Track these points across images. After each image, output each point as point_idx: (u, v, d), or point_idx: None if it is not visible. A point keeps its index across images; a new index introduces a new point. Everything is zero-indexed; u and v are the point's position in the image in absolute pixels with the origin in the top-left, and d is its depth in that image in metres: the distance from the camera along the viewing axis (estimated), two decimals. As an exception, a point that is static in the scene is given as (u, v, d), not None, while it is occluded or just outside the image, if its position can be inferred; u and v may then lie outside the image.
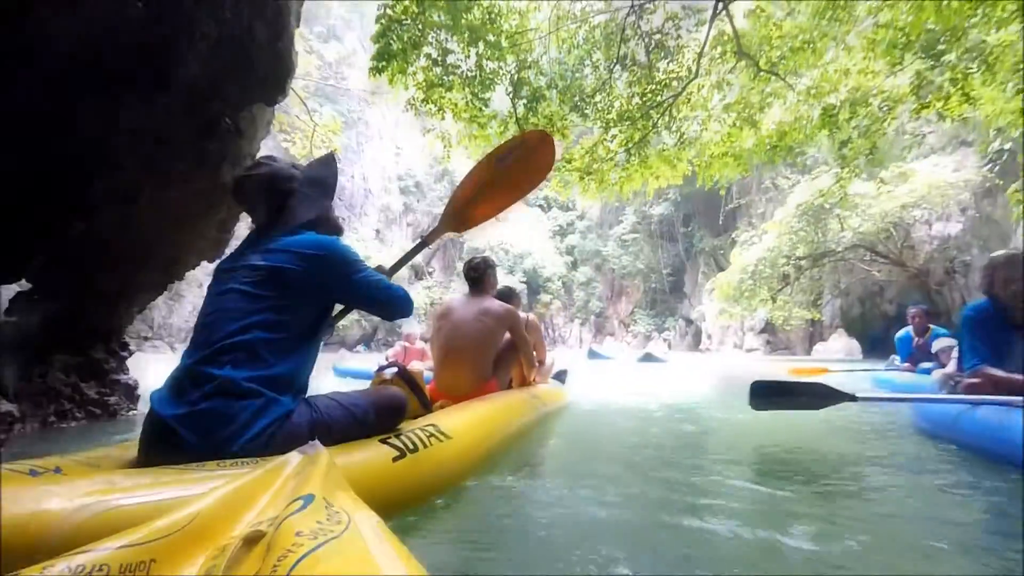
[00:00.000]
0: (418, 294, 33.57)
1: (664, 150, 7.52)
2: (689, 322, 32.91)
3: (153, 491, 1.01)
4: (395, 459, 1.47)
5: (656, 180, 7.67)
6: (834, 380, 3.38)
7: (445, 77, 5.89)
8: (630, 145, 7.09)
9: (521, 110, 6.49)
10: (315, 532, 0.64)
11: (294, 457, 0.92)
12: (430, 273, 37.68)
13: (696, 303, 31.46)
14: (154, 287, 3.79)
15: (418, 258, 36.48)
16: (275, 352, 1.40)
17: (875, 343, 16.49)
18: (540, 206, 41.76)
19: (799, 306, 17.54)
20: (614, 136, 7.21)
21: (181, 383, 1.34)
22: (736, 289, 14.51)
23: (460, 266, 34.85)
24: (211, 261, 3.39)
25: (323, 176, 1.70)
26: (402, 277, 32.57)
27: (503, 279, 32.31)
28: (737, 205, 25.67)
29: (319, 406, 1.48)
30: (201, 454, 1.21)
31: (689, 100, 7.02)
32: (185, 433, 1.25)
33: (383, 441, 1.53)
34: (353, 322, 29.34)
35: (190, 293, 21.07)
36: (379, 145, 35.99)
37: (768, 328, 25.54)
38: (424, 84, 5.95)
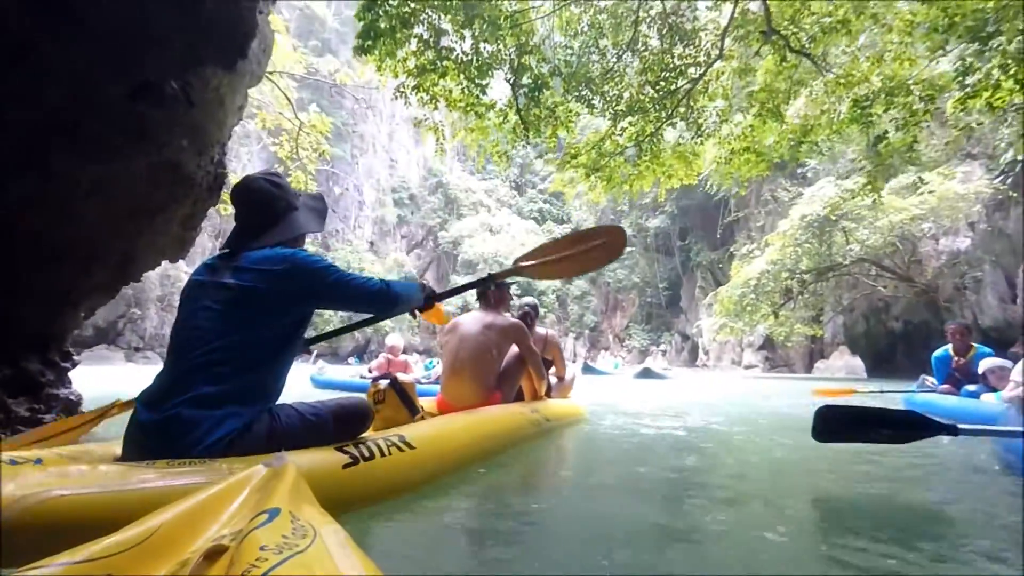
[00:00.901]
0: (411, 307, 32.95)
1: (679, 145, 6.91)
2: (685, 337, 32.44)
3: (117, 484, 1.11)
4: (345, 466, 1.53)
5: (668, 179, 7.09)
6: (861, 402, 2.94)
7: (438, 62, 5.30)
8: (641, 139, 6.49)
9: (522, 100, 5.91)
10: (280, 546, 0.64)
11: (259, 470, 0.91)
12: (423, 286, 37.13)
13: (693, 318, 31.02)
14: (104, 289, 3.19)
15: (412, 270, 36.09)
16: (244, 367, 1.50)
17: (880, 361, 16.03)
18: (535, 218, 41.49)
19: (801, 322, 17.10)
20: (623, 129, 6.62)
21: (159, 392, 1.46)
22: (737, 304, 14.05)
23: (454, 279, 34.61)
24: (174, 260, 2.86)
25: (320, 208, 1.86)
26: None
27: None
28: (736, 218, 25.37)
29: (279, 415, 1.56)
30: (168, 457, 1.32)
31: (707, 89, 6.38)
32: (153, 438, 1.39)
33: (339, 448, 1.59)
34: (346, 335, 28.67)
35: (175, 303, 20.44)
36: (373, 157, 35.65)
37: (767, 344, 25.10)
38: (415, 71, 5.39)
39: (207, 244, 22.90)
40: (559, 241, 2.71)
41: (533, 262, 2.59)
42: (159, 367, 1.63)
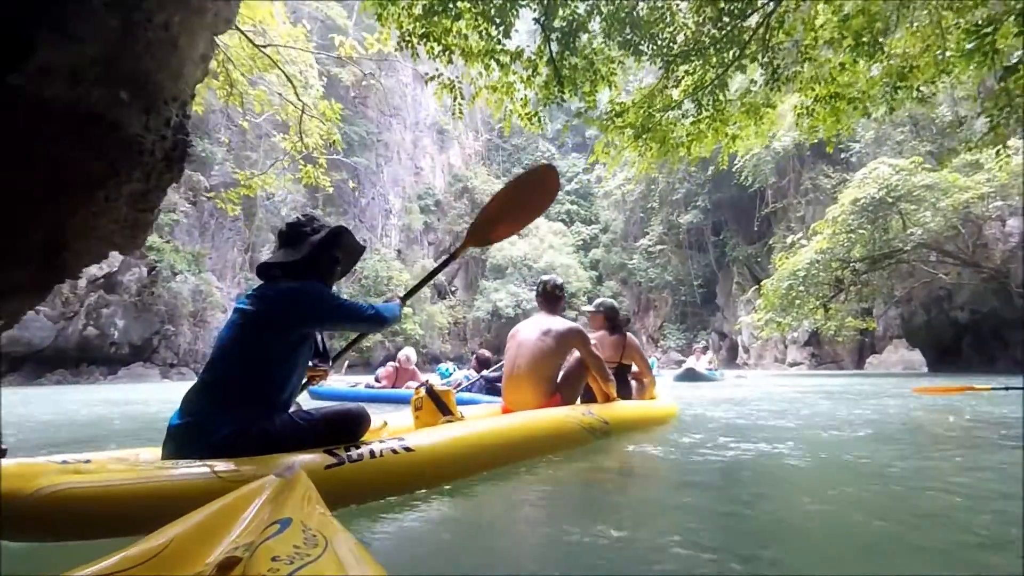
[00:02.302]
0: (441, 313, 32.79)
1: (747, 95, 5.74)
2: (723, 336, 31.28)
3: (120, 479, 1.35)
4: (328, 467, 1.65)
5: (733, 141, 6.03)
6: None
7: (450, 3, 4.50)
8: (701, 91, 5.44)
9: (554, 47, 5.02)
10: (292, 556, 0.64)
11: (270, 480, 0.91)
12: (453, 292, 36.97)
13: (731, 315, 29.88)
14: (29, 289, 2.24)
15: (441, 277, 35.92)
16: (251, 378, 1.78)
17: (943, 354, 14.86)
18: (563, 220, 40.91)
19: (852, 315, 16.06)
20: (679, 79, 5.58)
21: (187, 400, 1.75)
22: (784, 297, 13.19)
23: (483, 284, 34.31)
24: (126, 252, 2.42)
25: (357, 249, 2.21)
26: (424, 296, 31.88)
27: (527, 295, 31.45)
28: (773, 210, 24.29)
29: (275, 421, 1.77)
30: (188, 457, 1.58)
31: (783, 22, 5.14)
32: (177, 440, 1.68)
33: (328, 451, 1.72)
34: (376, 343, 28.70)
35: (214, 319, 20.59)
36: (399, 165, 35.73)
37: (813, 340, 23.87)
38: (422, 16, 4.60)
39: (236, 258, 23.17)
40: (496, 196, 2.81)
41: (482, 225, 2.77)
42: (193, 382, 1.80)
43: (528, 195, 2.88)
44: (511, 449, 2.35)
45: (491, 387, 5.80)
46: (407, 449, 1.86)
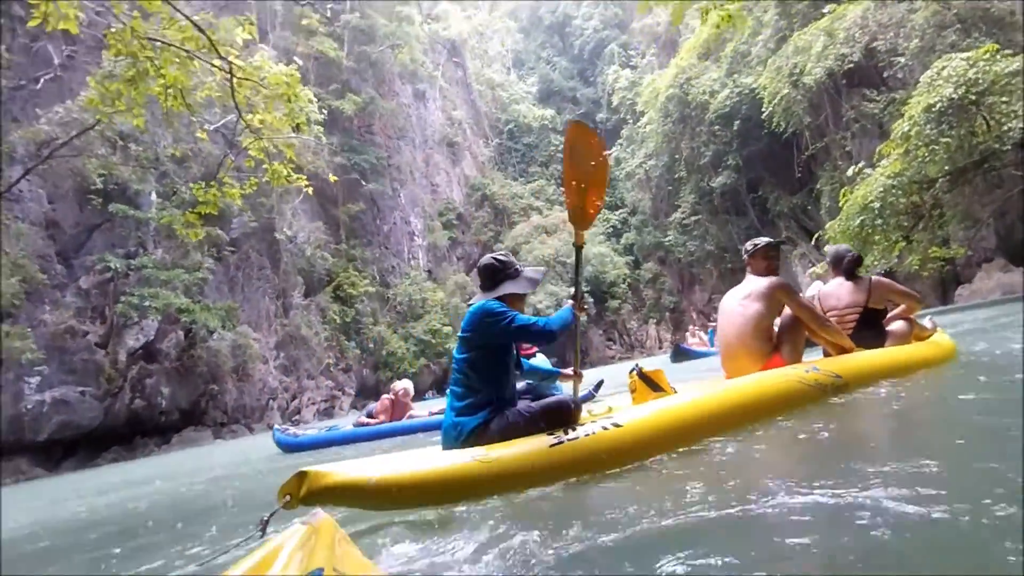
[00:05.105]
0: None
1: None
2: (782, 296, 29.28)
3: (417, 463, 2.05)
4: (552, 446, 2.07)
5: None
6: None
7: None
8: None
9: None
10: None
11: (298, 529, 0.90)
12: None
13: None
14: None
15: (475, 290, 35.19)
16: (477, 386, 2.39)
17: (1055, 269, 12.92)
18: (588, 210, 39.62)
19: (934, 243, 14.26)
20: None
21: (449, 407, 2.43)
22: (858, 235, 11.61)
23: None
24: None
25: (535, 277, 2.70)
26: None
27: (567, 292, 30.22)
28: (814, 152, 22.43)
29: (507, 415, 2.34)
30: (451, 448, 2.31)
31: None
32: (445, 436, 2.38)
33: (550, 433, 2.17)
34: (421, 367, 28.08)
35: (256, 371, 20.30)
36: (414, 186, 35.30)
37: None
38: None
39: (269, 307, 22.84)
40: (567, 180, 2.82)
41: (573, 212, 2.83)
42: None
43: (581, 160, 2.89)
44: (721, 417, 2.41)
45: None
46: (616, 425, 2.15)
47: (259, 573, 0.78)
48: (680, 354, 15.53)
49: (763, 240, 3.40)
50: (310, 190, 7.53)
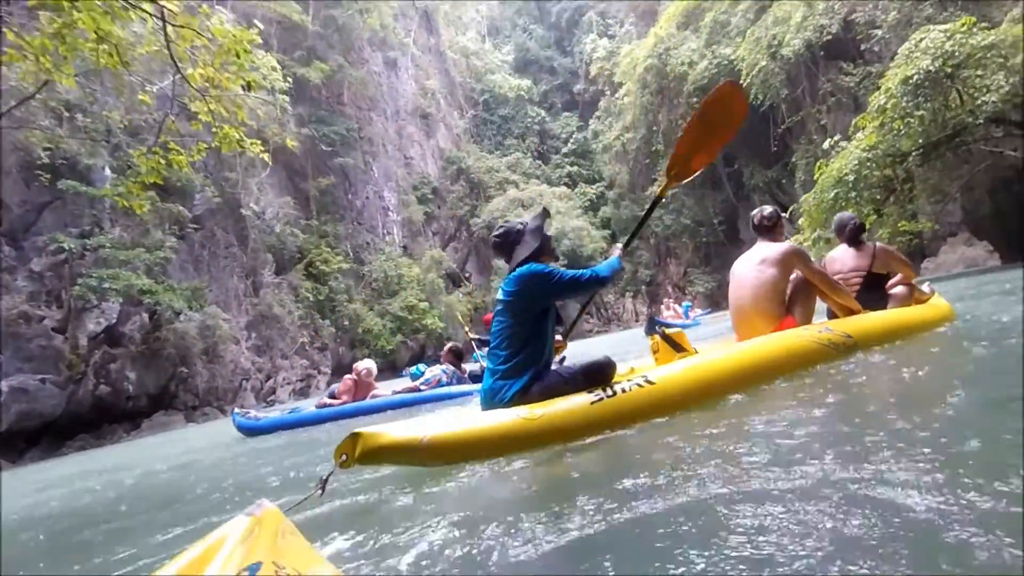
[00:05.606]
0: (459, 301, 31.70)
1: None
2: (756, 269, 29.69)
3: (464, 422, 2.22)
4: (593, 403, 2.27)
5: None
6: None
7: None
8: None
9: None
10: None
11: (241, 521, 0.87)
12: (467, 278, 35.81)
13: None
14: None
15: (452, 265, 34.77)
16: (517, 349, 2.47)
17: (1019, 243, 13.22)
18: (565, 183, 39.27)
19: (904, 217, 14.48)
20: None
21: (489, 370, 2.54)
22: (831, 208, 11.67)
23: (495, 264, 33.14)
24: None
25: (536, 227, 2.69)
26: (439, 288, 30.73)
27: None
28: (789, 125, 22.42)
29: (546, 376, 2.47)
30: (491, 408, 2.44)
31: None
32: (485, 398, 2.52)
33: (590, 391, 2.34)
34: (399, 344, 27.82)
35: (228, 352, 19.76)
36: (387, 159, 34.33)
37: (856, 255, 22.19)
38: None
39: (238, 286, 22.18)
40: (687, 127, 3.02)
41: (679, 160, 3.02)
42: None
43: (717, 118, 2.98)
44: (744, 373, 2.57)
45: (473, 379, 6.21)
46: (649, 382, 2.37)
47: (196, 571, 0.74)
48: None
49: (768, 209, 3.57)
50: (266, 156, 7.06)
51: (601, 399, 2.25)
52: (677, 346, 2.87)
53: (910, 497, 1.09)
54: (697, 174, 3.15)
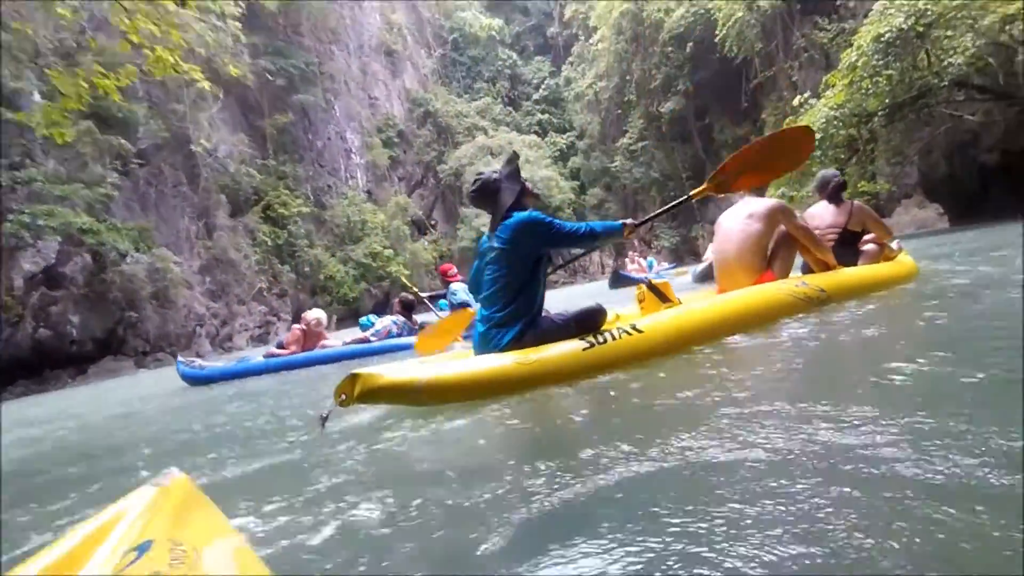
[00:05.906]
0: (424, 249, 31.24)
1: None
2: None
3: (460, 365, 2.29)
4: (584, 349, 2.36)
5: None
6: None
7: None
8: None
9: None
10: None
11: (145, 492, 0.79)
12: (433, 225, 35.15)
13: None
14: None
15: (418, 212, 33.98)
16: (511, 297, 2.51)
17: (965, 206, 13.71)
18: (535, 132, 38.37)
19: (864, 178, 14.77)
20: None
21: (483, 317, 2.57)
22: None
23: (463, 212, 32.54)
24: None
25: (511, 172, 2.69)
26: (404, 235, 30.13)
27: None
28: (762, 80, 22.25)
29: (540, 323, 2.52)
30: (486, 352, 2.49)
31: None
32: (479, 343, 2.56)
33: (582, 338, 2.41)
34: (362, 292, 27.39)
35: (180, 296, 18.99)
36: (349, 98, 32.58)
37: (815, 214, 22.72)
38: None
39: (189, 227, 21.10)
40: (750, 147, 3.05)
41: (728, 172, 3.00)
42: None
43: (781, 153, 3.08)
44: (726, 323, 2.72)
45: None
46: (637, 330, 2.47)
47: (90, 547, 0.67)
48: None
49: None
50: (207, 85, 6.46)
51: (592, 345, 2.35)
52: (663, 297, 2.96)
53: (879, 436, 1.15)
54: (734, 193, 3.27)
